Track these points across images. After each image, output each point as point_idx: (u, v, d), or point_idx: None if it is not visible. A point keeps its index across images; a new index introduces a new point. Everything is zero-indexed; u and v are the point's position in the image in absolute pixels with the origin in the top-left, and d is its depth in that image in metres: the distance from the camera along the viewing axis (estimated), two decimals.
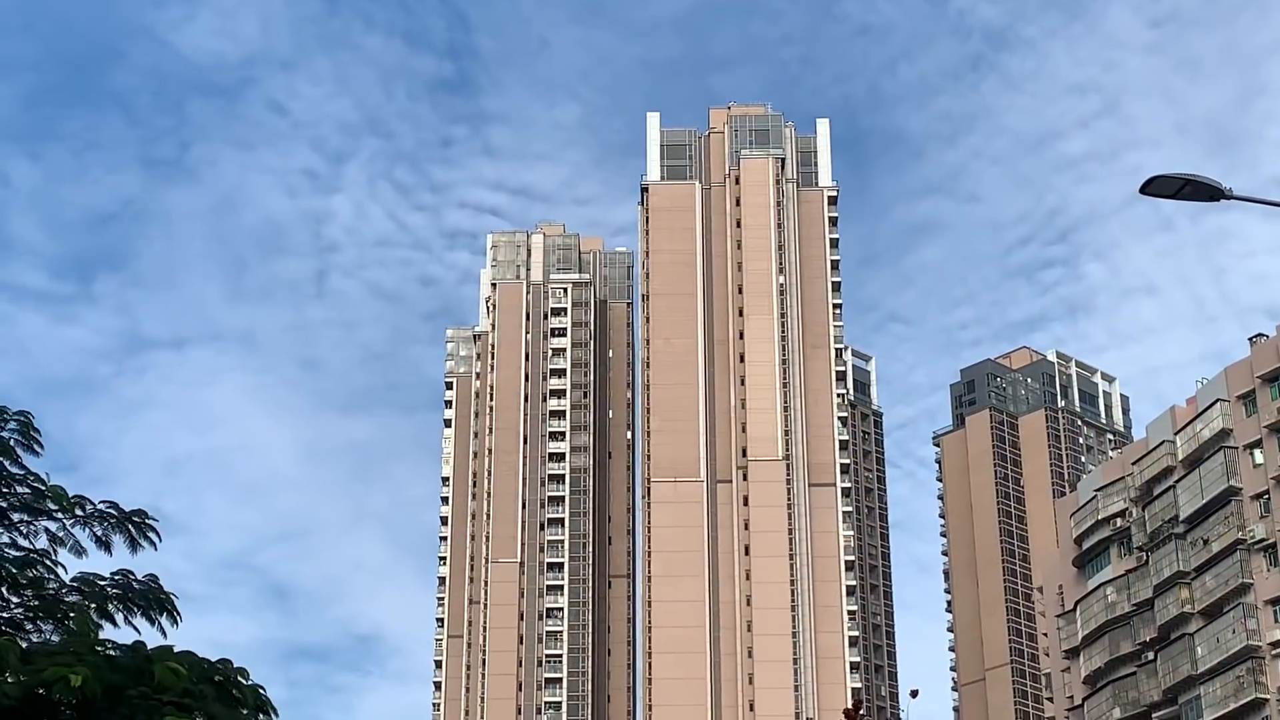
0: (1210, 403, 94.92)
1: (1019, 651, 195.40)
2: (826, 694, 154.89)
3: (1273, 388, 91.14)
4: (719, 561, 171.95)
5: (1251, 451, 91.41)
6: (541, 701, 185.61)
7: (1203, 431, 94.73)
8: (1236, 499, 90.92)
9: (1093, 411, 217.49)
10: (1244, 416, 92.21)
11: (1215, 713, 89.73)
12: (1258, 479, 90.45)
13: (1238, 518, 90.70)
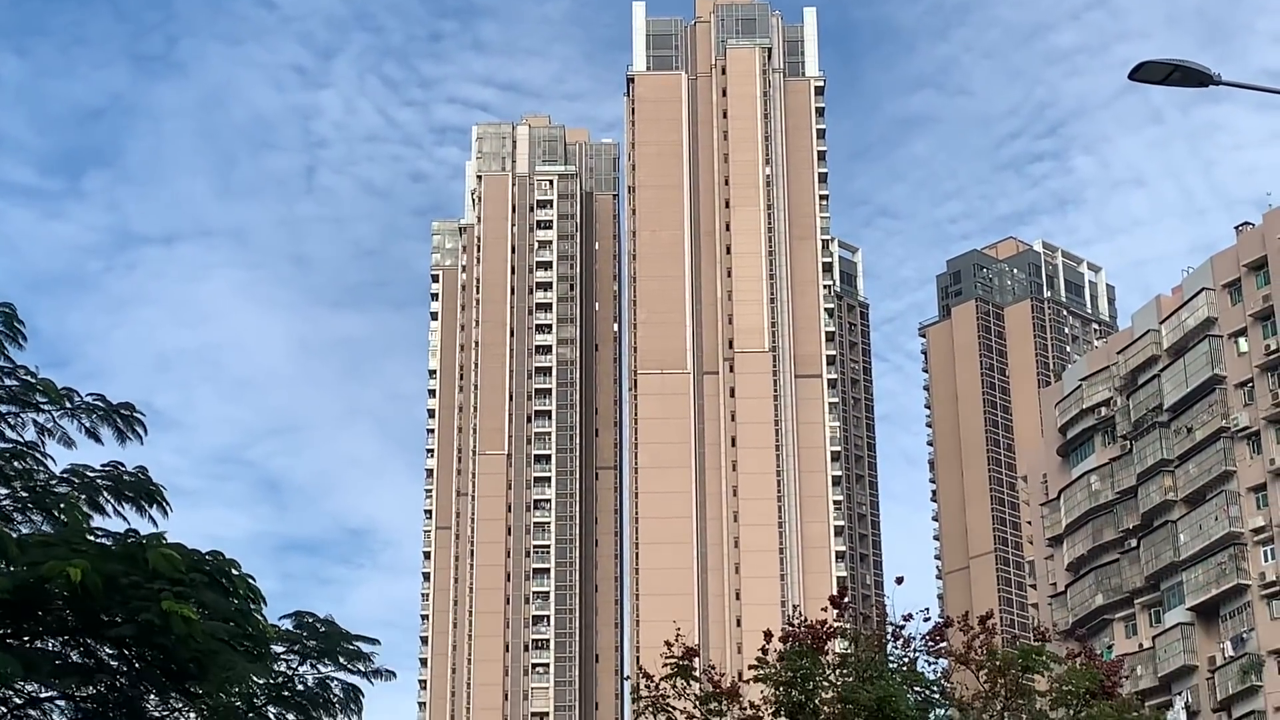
0: (1196, 292, 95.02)
1: (1003, 540, 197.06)
2: (812, 583, 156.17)
3: (1258, 276, 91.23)
4: (706, 453, 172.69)
5: (1236, 340, 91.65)
6: (529, 592, 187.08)
7: (1188, 320, 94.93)
8: (1220, 387, 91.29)
9: (1078, 302, 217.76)
10: (1229, 305, 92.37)
11: (1197, 598, 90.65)
12: (1242, 367, 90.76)
13: (1221, 406, 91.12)
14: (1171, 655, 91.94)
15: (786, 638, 26.08)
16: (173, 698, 17.06)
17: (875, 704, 24.87)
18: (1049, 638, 32.20)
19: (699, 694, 26.31)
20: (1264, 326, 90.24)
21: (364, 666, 17.81)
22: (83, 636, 16.14)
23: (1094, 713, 25.14)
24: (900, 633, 26.81)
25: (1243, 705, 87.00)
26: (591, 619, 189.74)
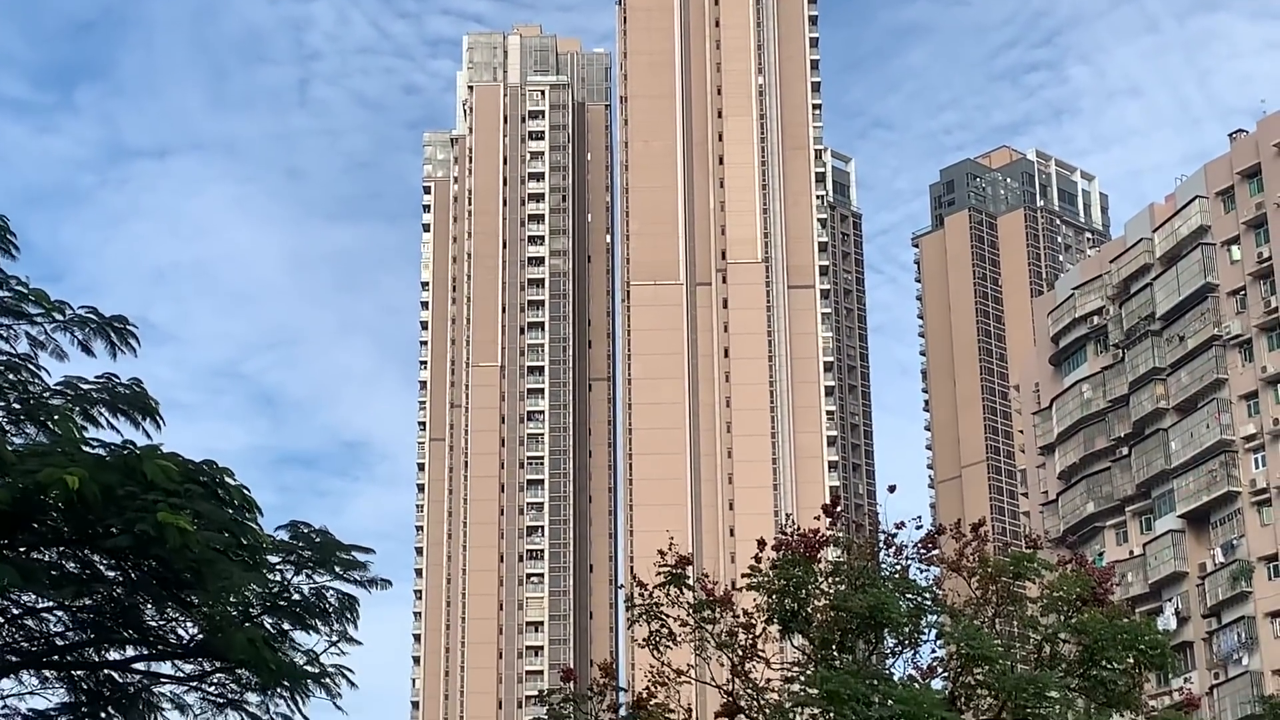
0: (1189, 200, 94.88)
1: (995, 449, 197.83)
2: (805, 492, 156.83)
3: (1251, 184, 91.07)
4: (698, 364, 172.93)
5: (1229, 248, 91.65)
6: (523, 503, 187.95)
7: (1181, 228, 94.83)
8: (1213, 295, 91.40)
9: (1072, 211, 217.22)
10: (1222, 213, 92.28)
11: (1188, 506, 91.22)
12: (1234, 275, 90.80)
13: (1214, 314, 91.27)
14: (1162, 562, 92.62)
15: (779, 546, 26.23)
16: (169, 607, 17.15)
17: (867, 611, 25.06)
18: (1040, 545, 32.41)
19: (692, 602, 26.49)
20: (1257, 234, 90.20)
21: (359, 576, 17.86)
22: (79, 547, 16.21)
23: (1085, 619, 25.33)
24: (892, 541, 26.96)
25: (1232, 611, 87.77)
26: (585, 529, 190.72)
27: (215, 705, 19.07)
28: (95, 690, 19.14)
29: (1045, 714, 24.05)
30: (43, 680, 18.87)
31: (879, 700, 23.68)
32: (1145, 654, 24.87)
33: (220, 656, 17.30)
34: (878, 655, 26.78)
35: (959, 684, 25.21)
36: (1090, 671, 24.97)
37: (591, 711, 26.34)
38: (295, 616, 17.47)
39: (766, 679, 26.52)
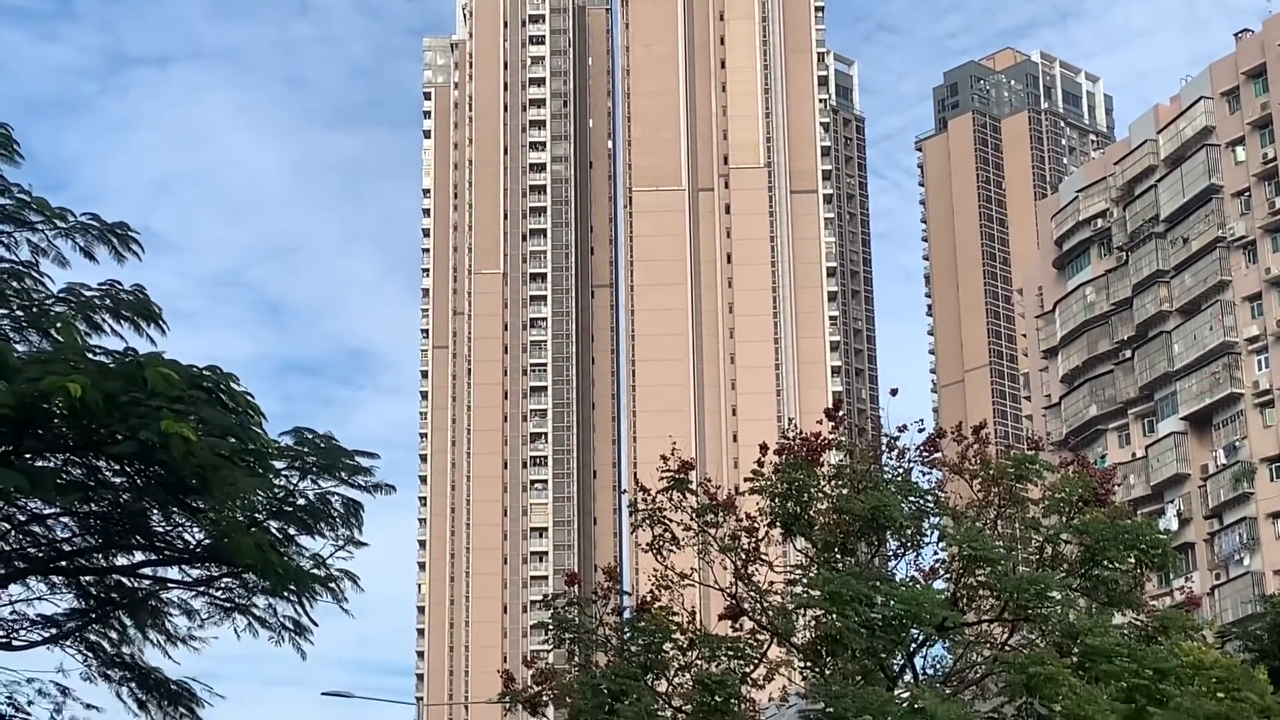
0: (1194, 101, 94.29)
1: (998, 353, 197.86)
2: (808, 398, 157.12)
3: (1256, 84, 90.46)
4: (701, 270, 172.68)
5: (1234, 149, 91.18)
6: (527, 410, 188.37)
7: (1185, 130, 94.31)
8: (1217, 197, 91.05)
9: (1076, 113, 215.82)
10: (1227, 113, 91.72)
11: (1190, 408, 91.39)
12: (1239, 176, 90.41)
13: (1218, 215, 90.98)
14: (1164, 464, 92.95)
15: (782, 450, 26.29)
16: (175, 513, 17.23)
17: (869, 514, 25.18)
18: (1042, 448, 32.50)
19: (695, 506, 26.61)
20: (1262, 135, 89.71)
21: (364, 481, 17.92)
22: (84, 453, 16.25)
23: (1086, 520, 25.44)
24: (895, 444, 27.02)
25: (1234, 512, 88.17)
26: (589, 436, 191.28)
27: (222, 609, 19.22)
28: (103, 595, 19.29)
29: (1047, 614, 24.21)
30: (51, 586, 19.02)
31: (881, 601, 23.85)
32: (1146, 554, 24.99)
33: (227, 561, 17.40)
34: (880, 557, 26.94)
35: (961, 585, 25.38)
36: (1092, 572, 25.11)
37: (596, 615, 26.53)
38: (301, 521, 17.54)
39: (769, 581, 26.69)
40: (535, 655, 27.31)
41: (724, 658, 25.31)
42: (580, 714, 24.24)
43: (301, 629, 18.65)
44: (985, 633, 26.43)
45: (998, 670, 23.30)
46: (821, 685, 23.69)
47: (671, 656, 25.41)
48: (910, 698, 23.00)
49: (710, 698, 24.07)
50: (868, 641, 23.59)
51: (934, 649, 26.94)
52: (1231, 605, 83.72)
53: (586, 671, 25.62)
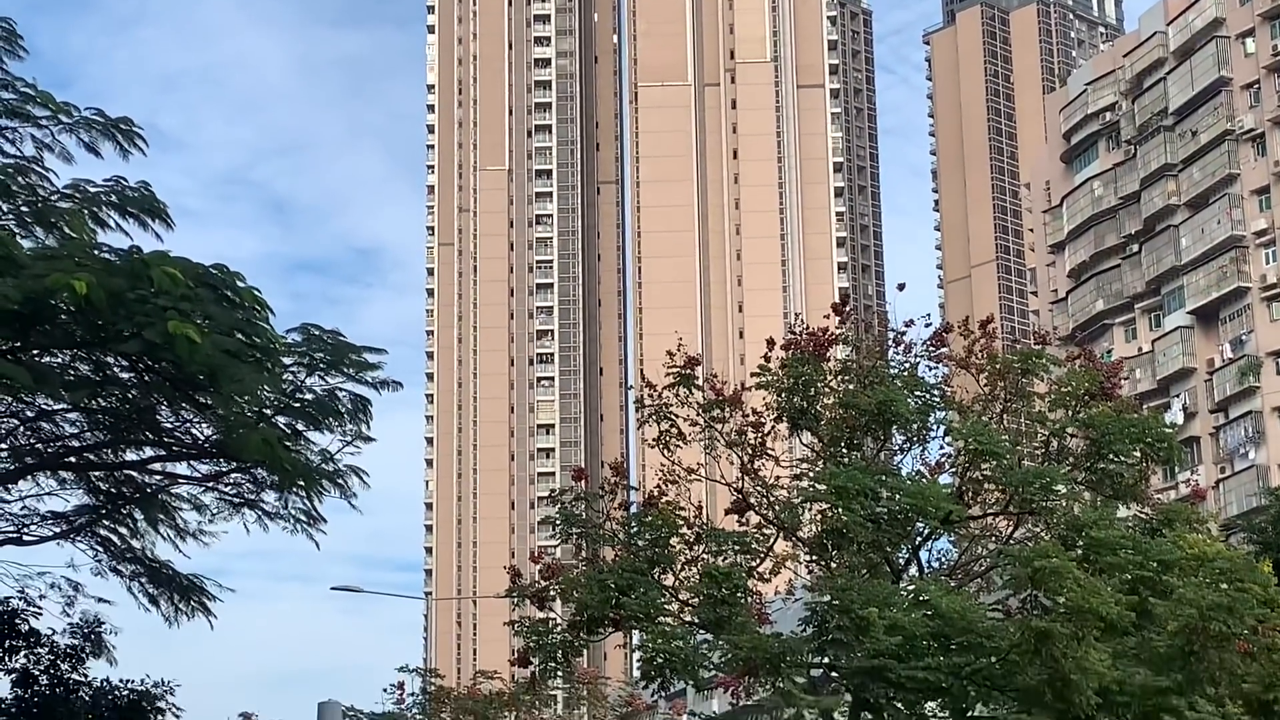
0: None
1: (1004, 248, 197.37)
2: (814, 294, 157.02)
3: None
4: (707, 165, 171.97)
5: (1244, 41, 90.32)
6: (533, 307, 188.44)
7: (1195, 21, 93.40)
8: (1226, 89, 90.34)
9: (1085, 5, 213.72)
10: (1237, 5, 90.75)
11: (1197, 302, 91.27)
12: (1249, 69, 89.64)
13: (1227, 108, 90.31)
14: (1170, 358, 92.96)
15: (788, 345, 26.28)
16: (184, 409, 17.29)
17: (875, 408, 25.22)
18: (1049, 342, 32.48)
19: (701, 402, 26.64)
20: (1272, 26, 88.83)
21: (371, 377, 17.95)
22: (91, 350, 16.27)
23: (1092, 414, 25.47)
24: (901, 339, 27.02)
25: (1240, 406, 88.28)
26: (595, 333, 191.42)
27: (232, 505, 19.37)
28: (113, 490, 19.42)
29: (1052, 508, 24.31)
30: (60, 482, 19.15)
31: (887, 495, 23.95)
32: (1152, 448, 25.04)
33: (235, 457, 17.49)
34: (886, 452, 27.00)
35: (966, 479, 25.46)
36: (1097, 465, 25.17)
37: (603, 510, 26.64)
38: (309, 417, 17.60)
39: (775, 476, 26.78)
40: (542, 551, 27.45)
41: (730, 552, 25.46)
42: (587, 608, 24.41)
43: (314, 519, 18.80)
44: (990, 526, 26.56)
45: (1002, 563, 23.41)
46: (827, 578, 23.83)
47: (678, 551, 25.54)
48: (915, 590, 23.16)
49: (716, 591, 24.23)
50: (873, 535, 23.71)
51: (939, 543, 27.11)
52: (1236, 499, 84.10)
53: (593, 566, 25.77)
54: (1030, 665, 20.39)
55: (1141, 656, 21.00)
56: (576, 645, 25.75)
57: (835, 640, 21.94)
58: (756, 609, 24.89)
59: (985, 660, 21.53)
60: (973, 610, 21.89)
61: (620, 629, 25.13)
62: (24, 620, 21.12)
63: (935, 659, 21.26)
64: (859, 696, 24.21)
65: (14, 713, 20.61)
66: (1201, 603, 19.60)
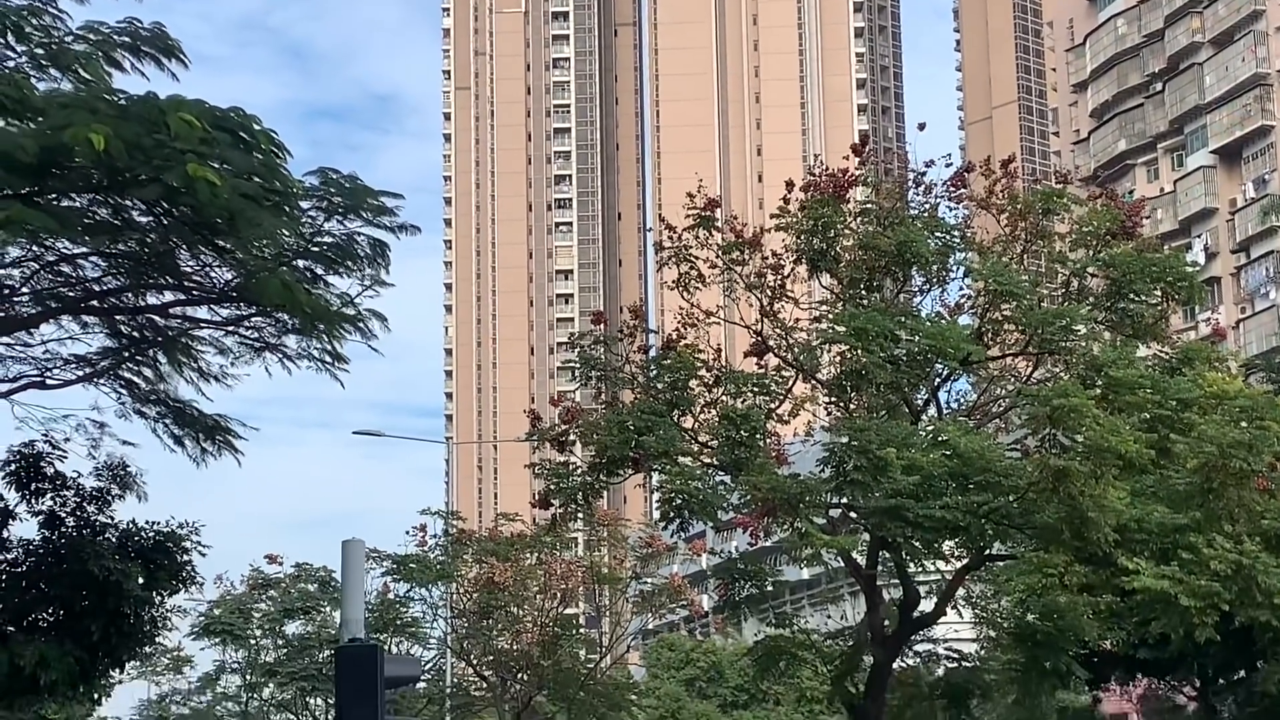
0: None
1: (1026, 88, 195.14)
2: (834, 137, 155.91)
3: None
4: (725, 7, 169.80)
5: None
6: (550, 152, 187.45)
7: None
8: None
9: None
10: None
11: (1220, 141, 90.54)
12: None
13: None
14: (1192, 198, 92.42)
15: (808, 187, 26.11)
16: (203, 252, 17.31)
17: (895, 249, 25.12)
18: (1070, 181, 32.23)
19: (721, 244, 26.56)
20: None
21: (389, 221, 17.91)
22: (110, 194, 16.24)
23: (1113, 253, 25.34)
24: (921, 180, 26.81)
25: (1261, 245, 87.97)
26: (613, 177, 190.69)
27: (253, 349, 19.48)
28: (135, 334, 19.52)
29: (1071, 348, 24.30)
30: (83, 325, 19.24)
31: (906, 337, 23.95)
32: (1173, 287, 24.94)
33: (256, 301, 17.54)
34: (905, 293, 26.95)
35: (986, 320, 25.42)
36: (1117, 305, 25.09)
37: (622, 353, 26.69)
38: (327, 261, 17.62)
39: (794, 318, 26.77)
40: (561, 395, 27.52)
41: (749, 394, 25.54)
42: (606, 449, 24.56)
43: (337, 358, 18.90)
44: (1009, 367, 26.58)
45: (1021, 403, 23.47)
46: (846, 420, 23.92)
47: (697, 393, 25.61)
48: (934, 431, 23.25)
49: (735, 432, 24.35)
50: (892, 376, 23.75)
51: (958, 384, 27.16)
52: (1256, 339, 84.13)
53: (613, 409, 25.88)
54: (1048, 503, 20.52)
55: (1159, 494, 21.12)
56: (596, 487, 25.97)
57: (853, 480, 22.08)
58: (775, 451, 25.02)
59: (1003, 499, 21.67)
60: (991, 450, 22.00)
61: (640, 470, 25.30)
62: (49, 463, 21.36)
63: (953, 498, 21.39)
64: (877, 536, 24.46)
65: (41, 554, 20.92)
66: (1221, 440, 19.66)
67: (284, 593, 56.09)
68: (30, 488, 21.25)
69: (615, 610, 48.93)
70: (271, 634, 58.07)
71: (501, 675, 47.12)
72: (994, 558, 24.96)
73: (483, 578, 45.61)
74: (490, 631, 46.63)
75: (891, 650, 26.10)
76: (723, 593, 27.87)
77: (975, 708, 27.87)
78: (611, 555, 46.88)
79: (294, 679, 55.46)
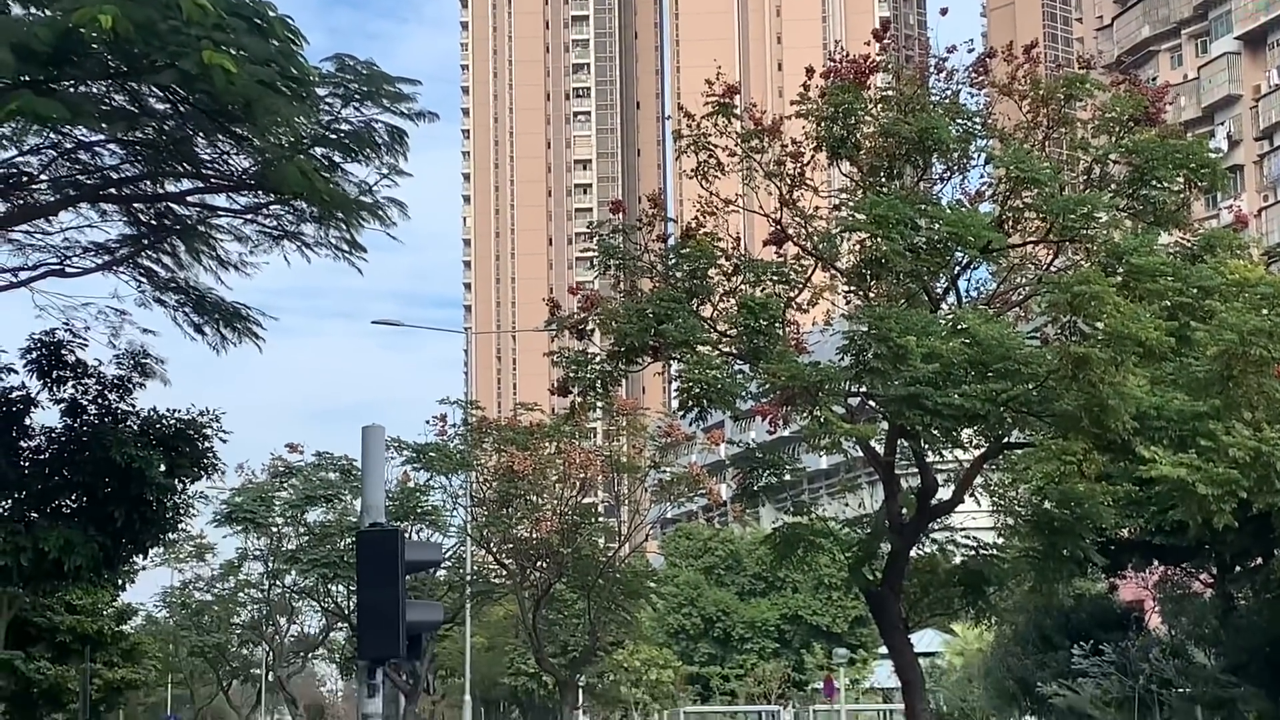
0: None
1: None
2: (854, 24, 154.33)
3: None
4: None
5: None
6: (569, 40, 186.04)
7: None
8: None
9: None
10: None
11: (1245, 27, 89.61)
12: None
13: None
14: (1216, 85, 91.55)
15: (828, 74, 25.84)
16: (220, 141, 17.24)
17: (916, 136, 24.89)
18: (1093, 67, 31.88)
19: (740, 132, 26.34)
20: None
21: (407, 108, 17.81)
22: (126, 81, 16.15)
23: (1136, 139, 25.09)
24: (942, 66, 26.50)
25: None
26: (631, 66, 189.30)
27: (272, 237, 19.47)
28: (154, 222, 19.50)
29: (1092, 235, 24.13)
30: (102, 213, 19.23)
31: (926, 224, 23.80)
32: (1196, 173, 24.69)
33: (274, 188, 17.50)
34: (926, 181, 26.75)
35: (1007, 207, 25.23)
36: (1140, 192, 24.88)
37: (640, 242, 26.56)
38: (345, 148, 17.54)
39: (814, 206, 26.60)
40: (580, 285, 27.49)
41: (768, 282, 25.43)
42: (626, 338, 24.53)
43: (354, 246, 18.88)
44: (1030, 255, 26.42)
45: (1042, 291, 23.35)
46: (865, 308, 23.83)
47: (716, 282, 25.51)
48: (954, 319, 23.17)
49: (754, 321, 24.28)
50: (912, 265, 23.61)
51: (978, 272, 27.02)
52: (1278, 227, 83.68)
53: (631, 297, 25.82)
54: (1067, 391, 20.48)
55: (1179, 382, 21.04)
56: (615, 376, 25.97)
57: (872, 369, 22.05)
58: (794, 339, 24.99)
59: (1022, 387, 21.63)
60: (1011, 337, 21.93)
61: (659, 359, 25.29)
62: (70, 351, 21.46)
63: (972, 386, 21.35)
64: (895, 424, 24.47)
65: (64, 441, 21.07)
66: (1242, 327, 19.55)
67: (305, 480, 56.52)
68: (52, 375, 21.36)
69: (634, 499, 49.21)
70: (293, 522, 58.62)
71: (521, 563, 47.52)
72: (1012, 446, 24.97)
73: (502, 466, 45.88)
74: (510, 520, 46.98)
75: (909, 538, 26.20)
76: (741, 481, 27.93)
77: (992, 595, 27.98)
78: (630, 444, 47.07)
79: (315, 566, 56.01)
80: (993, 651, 47.68)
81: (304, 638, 78.58)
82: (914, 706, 25.49)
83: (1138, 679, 36.29)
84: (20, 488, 20.69)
